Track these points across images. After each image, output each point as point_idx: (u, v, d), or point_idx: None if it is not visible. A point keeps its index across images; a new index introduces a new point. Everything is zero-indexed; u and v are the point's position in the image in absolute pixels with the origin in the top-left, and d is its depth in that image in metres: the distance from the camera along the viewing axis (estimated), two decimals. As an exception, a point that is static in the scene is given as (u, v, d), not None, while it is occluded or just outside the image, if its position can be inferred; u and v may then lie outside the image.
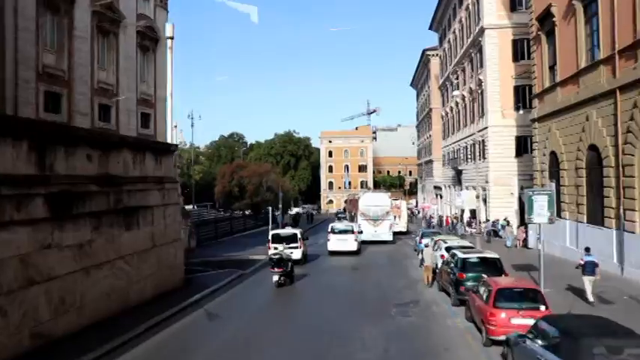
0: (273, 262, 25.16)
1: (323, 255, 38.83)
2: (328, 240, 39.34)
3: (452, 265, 22.38)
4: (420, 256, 32.22)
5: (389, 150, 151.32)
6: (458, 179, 64.93)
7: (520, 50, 47.60)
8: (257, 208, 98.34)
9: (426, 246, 29.58)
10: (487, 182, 50.02)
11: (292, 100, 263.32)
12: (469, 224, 52.76)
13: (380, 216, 47.24)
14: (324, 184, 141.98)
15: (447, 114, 73.83)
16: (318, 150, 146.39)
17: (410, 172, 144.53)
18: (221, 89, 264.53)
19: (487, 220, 49.12)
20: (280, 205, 77.81)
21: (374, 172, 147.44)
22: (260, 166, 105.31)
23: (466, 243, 30.37)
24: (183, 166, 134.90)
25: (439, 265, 25.92)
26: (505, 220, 46.52)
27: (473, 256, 22.24)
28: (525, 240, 40.03)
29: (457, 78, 64.00)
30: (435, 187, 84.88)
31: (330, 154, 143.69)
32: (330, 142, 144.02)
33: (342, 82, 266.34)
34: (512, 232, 42.94)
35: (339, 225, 42.52)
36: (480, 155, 53.38)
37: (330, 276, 30.72)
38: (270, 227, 44.16)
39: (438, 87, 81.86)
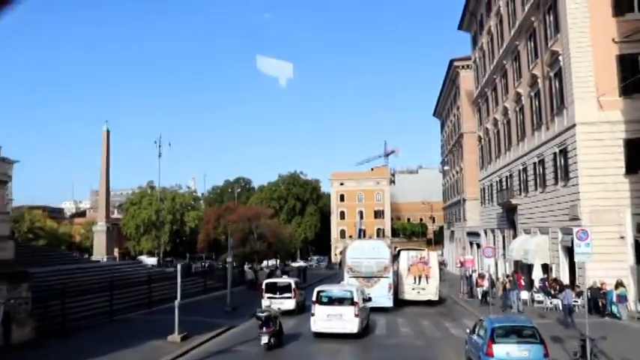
0: (261, 320, 21.07)
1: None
2: (312, 314, 23.38)
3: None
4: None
5: (409, 195, 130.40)
6: (509, 220, 43.72)
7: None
8: (248, 260, 77.87)
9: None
10: (574, 219, 28.80)
11: (304, 145, 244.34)
12: (545, 290, 31.27)
13: (375, 272, 32.29)
14: (335, 233, 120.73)
15: (486, 134, 53.10)
16: (328, 195, 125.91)
17: (433, 219, 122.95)
18: (231, 136, 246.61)
19: (575, 287, 28.13)
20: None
21: (392, 219, 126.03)
22: (249, 208, 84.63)
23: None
24: (177, 212, 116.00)
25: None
26: (620, 284, 25.30)
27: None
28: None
29: (504, 76, 43.42)
30: (470, 234, 63.31)
31: (342, 198, 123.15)
32: (341, 184, 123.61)
33: (358, 123, 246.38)
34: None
35: (330, 289, 25.28)
36: (556, 176, 32.41)
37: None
38: (228, 289, 32.97)
39: (471, 102, 61.30)
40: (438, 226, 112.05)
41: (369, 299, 26.33)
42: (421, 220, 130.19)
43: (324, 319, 22.67)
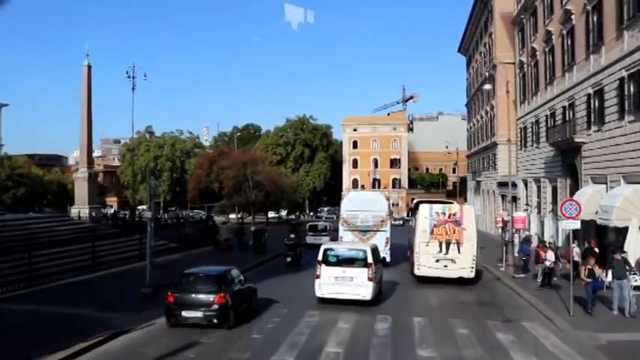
0: (288, 247, 30.21)
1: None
2: (317, 276, 19.23)
3: None
4: None
5: (428, 143, 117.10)
6: (566, 165, 31.82)
7: None
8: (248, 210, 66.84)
9: None
10: None
11: (319, 94, 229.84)
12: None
13: (371, 226, 30.13)
14: (346, 182, 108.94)
15: (531, 56, 40.63)
16: (340, 142, 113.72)
17: (454, 169, 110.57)
18: (244, 83, 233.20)
19: None
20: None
21: (409, 169, 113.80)
22: (245, 153, 72.88)
23: None
24: (177, 159, 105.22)
25: None
26: None
27: None
28: None
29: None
30: (501, 185, 51.25)
31: (355, 144, 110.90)
32: (354, 130, 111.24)
33: (374, 69, 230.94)
34: None
35: (339, 247, 21.28)
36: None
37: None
38: (148, 258, 20.82)
39: (511, 22, 48.44)
40: (460, 177, 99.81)
41: (384, 260, 24.57)
42: (441, 170, 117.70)
43: (332, 283, 19.05)
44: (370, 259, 19.14)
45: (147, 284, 20.07)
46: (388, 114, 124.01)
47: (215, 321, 15.20)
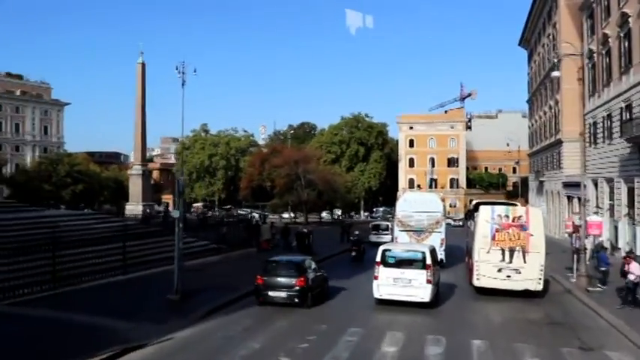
0: (352, 242, 33.28)
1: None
2: (375, 277, 19.07)
3: None
4: None
5: (487, 142, 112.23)
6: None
7: None
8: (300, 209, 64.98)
9: None
10: None
11: (375, 93, 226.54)
12: None
13: (426, 226, 29.80)
14: (402, 182, 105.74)
15: (603, 44, 36.93)
16: (395, 140, 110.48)
17: (514, 170, 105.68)
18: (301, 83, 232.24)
19: None
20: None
21: (467, 169, 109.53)
22: (298, 151, 70.90)
23: None
24: (231, 157, 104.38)
25: None
26: None
27: None
28: None
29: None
30: (568, 186, 47.42)
31: (412, 143, 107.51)
32: (411, 128, 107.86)
33: (432, 67, 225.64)
34: None
35: (397, 248, 20.99)
36: None
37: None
38: (176, 263, 18.88)
39: (578, 8, 44.68)
40: (521, 177, 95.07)
41: (442, 262, 24.82)
42: (500, 170, 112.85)
43: (390, 284, 18.91)
44: (429, 261, 18.92)
45: (174, 290, 18.15)
46: (445, 112, 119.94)
47: (296, 300, 18.03)
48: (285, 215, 72.79)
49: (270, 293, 17.98)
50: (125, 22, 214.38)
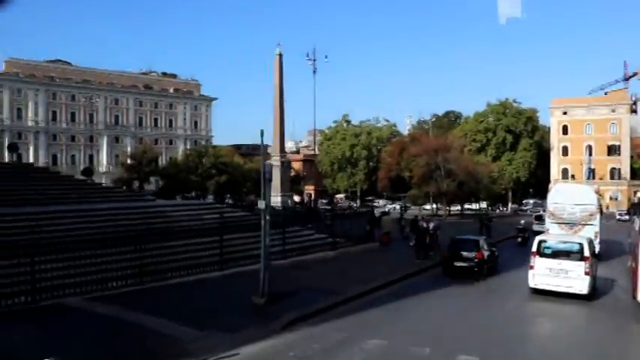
0: (518, 230, 35.81)
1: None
2: (531, 267, 19.42)
3: None
4: None
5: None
6: None
7: None
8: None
9: None
10: None
11: (523, 73, 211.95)
12: None
13: (578, 219, 28.75)
14: (555, 172, 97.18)
15: None
16: (547, 127, 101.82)
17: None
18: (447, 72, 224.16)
19: None
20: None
21: (631, 157, 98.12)
22: (437, 139, 66.81)
23: None
24: (373, 147, 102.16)
25: None
26: None
27: None
28: None
29: None
30: None
31: (565, 129, 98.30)
32: (564, 113, 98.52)
33: (588, 48, 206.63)
34: None
35: (554, 239, 20.95)
36: None
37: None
38: (262, 262, 16.57)
39: None
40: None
41: (598, 254, 24.05)
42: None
43: (546, 274, 18.93)
44: (587, 253, 18.95)
45: (260, 292, 15.95)
46: (605, 93, 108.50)
47: (476, 269, 22.19)
48: (427, 207, 69.35)
49: (455, 263, 22.37)
50: (261, 12, 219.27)
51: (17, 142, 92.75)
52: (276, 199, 52.07)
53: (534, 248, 19.54)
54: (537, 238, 20.20)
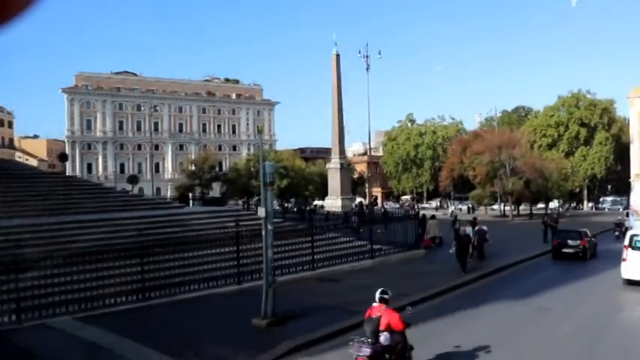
0: (615, 224, 38.54)
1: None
2: (623, 260, 20.03)
3: None
4: None
5: None
6: None
7: None
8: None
9: None
10: None
11: (595, 64, 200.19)
12: None
13: None
14: (636, 168, 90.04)
15: None
16: (626, 119, 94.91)
17: None
18: (517, 65, 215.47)
19: None
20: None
21: None
22: (500, 135, 62.76)
23: None
24: (438, 147, 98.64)
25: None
26: None
27: None
28: None
29: None
30: None
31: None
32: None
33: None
34: None
35: None
36: None
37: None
38: (264, 281, 14.25)
39: None
40: None
41: None
42: None
43: (638, 267, 19.28)
44: None
45: (262, 313, 13.59)
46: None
47: (580, 254, 26.90)
48: (495, 207, 65.48)
49: (563, 250, 27.04)
50: (317, 12, 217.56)
51: (88, 152, 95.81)
52: (336, 203, 50.30)
53: (627, 242, 20.28)
54: (629, 233, 21.42)
